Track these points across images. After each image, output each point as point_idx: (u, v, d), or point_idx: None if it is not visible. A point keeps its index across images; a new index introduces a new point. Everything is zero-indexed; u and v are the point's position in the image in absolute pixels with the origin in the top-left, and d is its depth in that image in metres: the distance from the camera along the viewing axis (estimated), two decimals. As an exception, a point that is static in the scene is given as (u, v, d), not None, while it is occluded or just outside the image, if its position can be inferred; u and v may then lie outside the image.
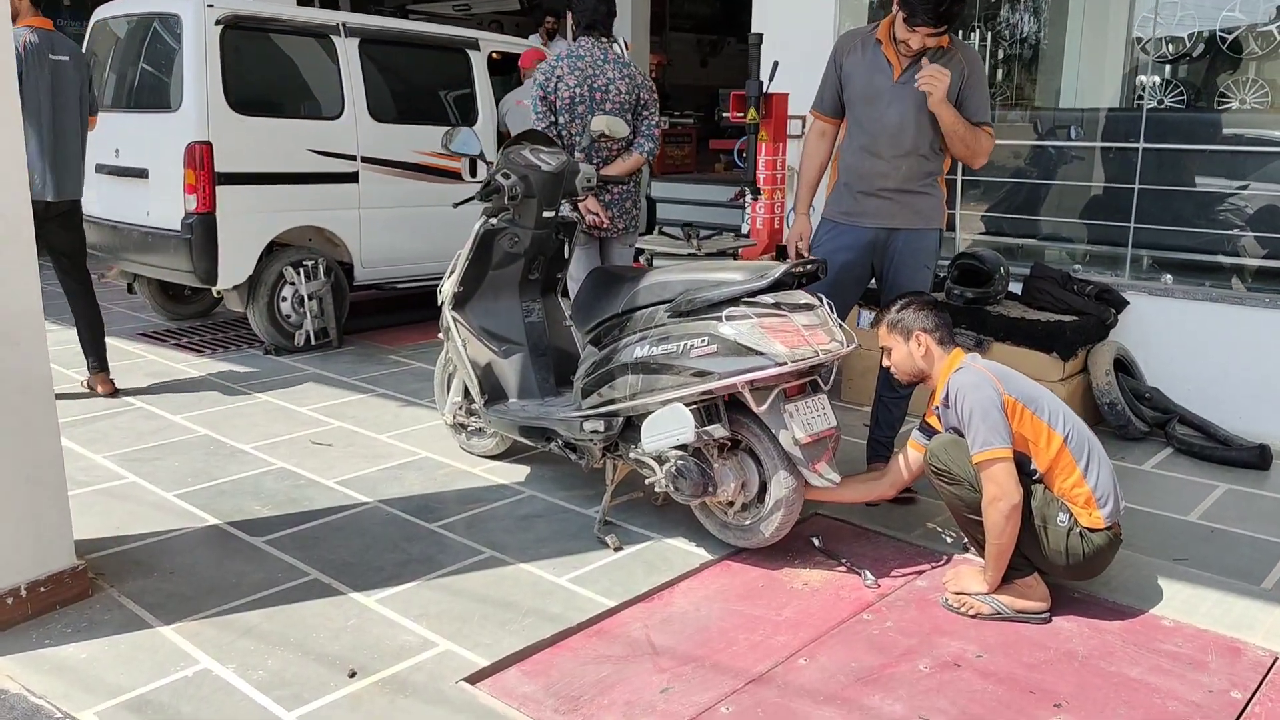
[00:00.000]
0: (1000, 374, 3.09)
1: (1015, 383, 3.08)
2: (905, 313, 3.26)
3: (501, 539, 3.62)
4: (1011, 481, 2.95)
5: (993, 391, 3.01)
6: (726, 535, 3.50)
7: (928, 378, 3.28)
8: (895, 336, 3.29)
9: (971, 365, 3.13)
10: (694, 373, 3.20)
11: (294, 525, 3.71)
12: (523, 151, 3.92)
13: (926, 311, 3.24)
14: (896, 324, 3.28)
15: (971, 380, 3.05)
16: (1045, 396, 3.10)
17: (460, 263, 3.99)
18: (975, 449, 2.98)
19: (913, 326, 3.24)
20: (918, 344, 3.24)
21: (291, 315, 6.25)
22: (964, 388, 3.04)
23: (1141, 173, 5.14)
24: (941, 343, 3.23)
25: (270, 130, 6.00)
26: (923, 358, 3.24)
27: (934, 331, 3.22)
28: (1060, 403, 3.12)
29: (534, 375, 4.08)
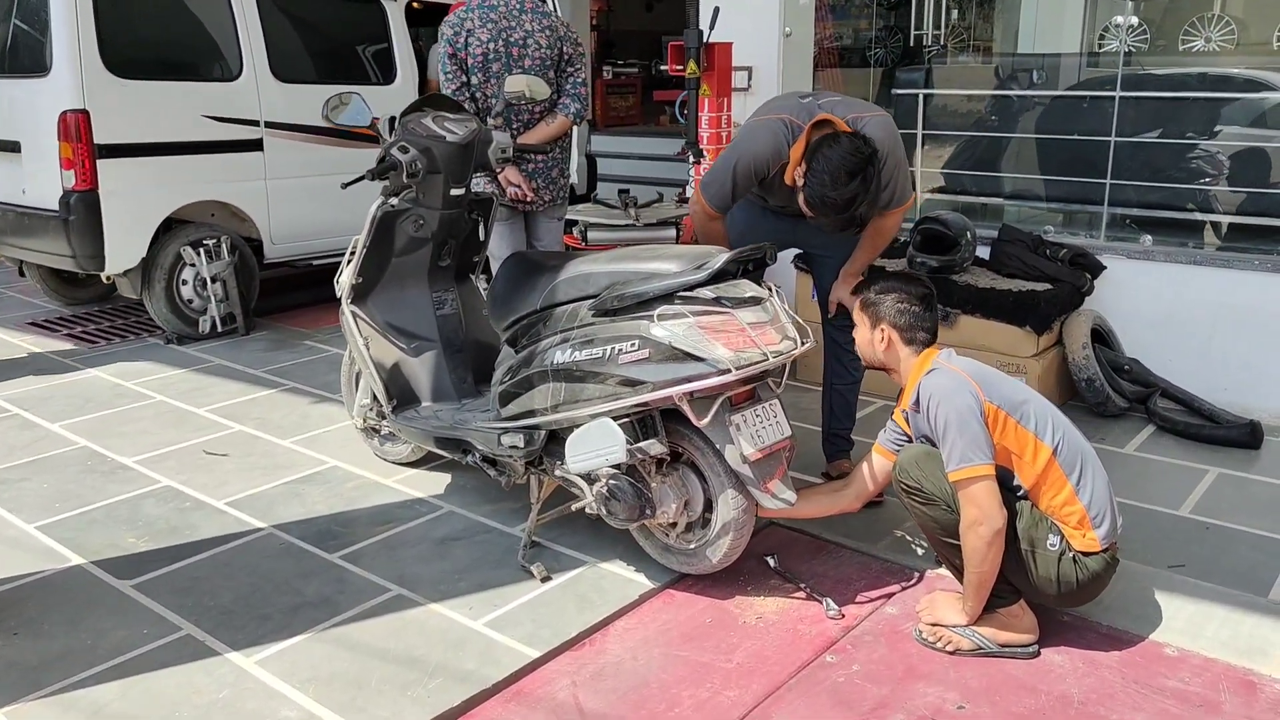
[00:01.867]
0: (979, 376, 2.65)
1: (997, 386, 2.65)
2: (883, 298, 2.83)
3: (413, 570, 3.15)
4: (994, 503, 2.53)
5: (971, 399, 2.57)
6: (669, 560, 3.06)
7: (891, 371, 2.86)
8: (863, 316, 2.88)
9: (945, 365, 2.69)
10: (623, 381, 2.73)
11: (171, 562, 3.21)
12: (424, 120, 3.39)
13: (906, 305, 2.79)
14: (869, 305, 2.86)
15: (947, 385, 2.61)
16: (1032, 400, 2.67)
17: (358, 250, 3.46)
18: (951, 465, 2.55)
19: (883, 316, 2.81)
20: (881, 335, 2.81)
21: (194, 300, 5.68)
22: (938, 393, 2.61)
23: (1119, 125, 4.70)
24: (910, 343, 2.79)
25: (157, 95, 5.37)
26: (884, 351, 2.82)
27: (905, 330, 2.79)
28: (1049, 406, 2.69)
29: (449, 375, 3.59)
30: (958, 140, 5.49)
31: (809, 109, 3.17)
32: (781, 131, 3.17)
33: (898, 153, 3.22)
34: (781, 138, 3.17)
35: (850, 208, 2.95)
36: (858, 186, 2.91)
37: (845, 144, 2.92)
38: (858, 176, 2.90)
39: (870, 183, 2.93)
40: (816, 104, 3.20)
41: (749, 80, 5.61)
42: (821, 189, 2.94)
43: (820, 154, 2.94)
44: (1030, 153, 5.20)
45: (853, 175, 2.90)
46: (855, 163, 2.90)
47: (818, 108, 3.16)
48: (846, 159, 2.90)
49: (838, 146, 2.92)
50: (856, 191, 2.92)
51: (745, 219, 3.60)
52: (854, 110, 3.15)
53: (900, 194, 3.28)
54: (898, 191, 3.26)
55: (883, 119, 3.20)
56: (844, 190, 2.91)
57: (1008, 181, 5.38)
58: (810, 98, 3.26)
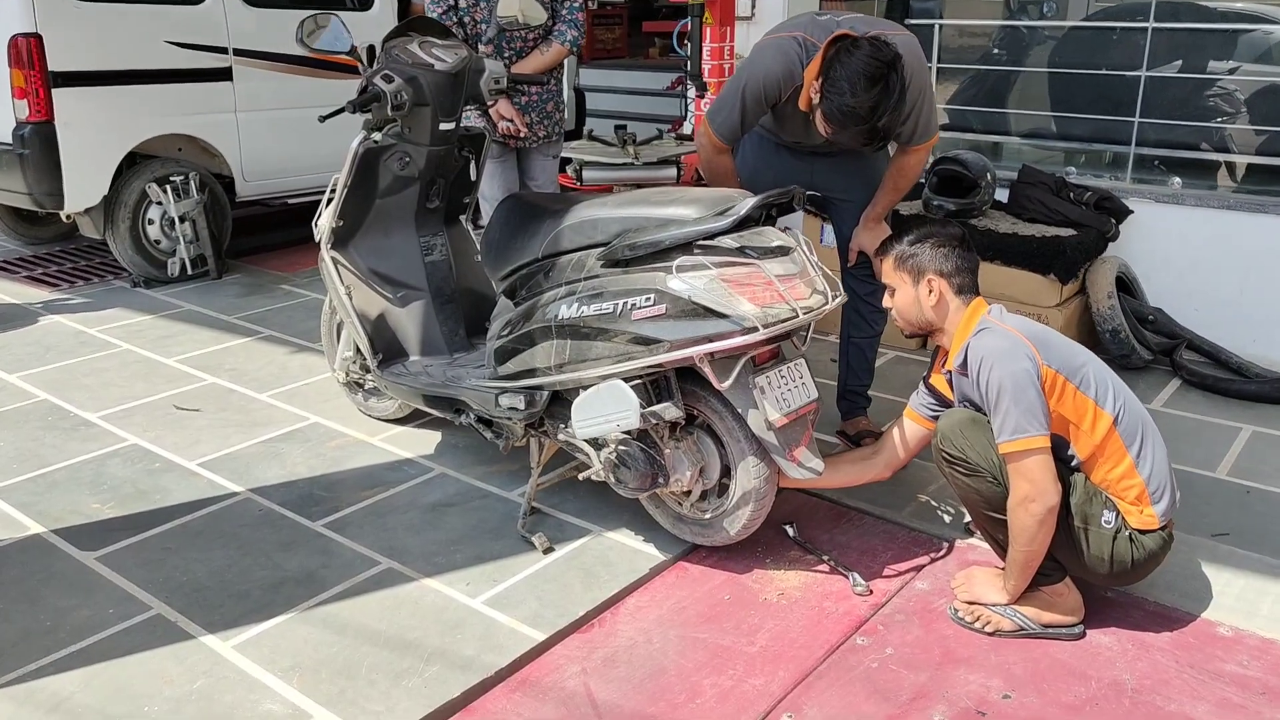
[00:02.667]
0: (1035, 336, 2.41)
1: (1055, 348, 2.40)
2: (920, 247, 2.54)
3: (403, 541, 2.91)
4: (1049, 478, 2.30)
5: (1028, 363, 2.33)
6: (681, 530, 2.84)
7: (936, 331, 2.60)
8: (902, 275, 2.58)
9: (997, 324, 2.44)
10: (636, 339, 2.47)
11: (139, 531, 2.95)
12: (409, 46, 3.07)
13: (948, 249, 2.53)
14: (906, 260, 2.56)
15: (1000, 346, 2.36)
16: (1091, 363, 2.43)
17: (338, 190, 3.16)
18: (1004, 436, 2.31)
19: (926, 266, 2.53)
20: (928, 289, 2.54)
21: (161, 241, 5.34)
22: (991, 355, 2.36)
23: (1151, 58, 4.41)
24: (960, 291, 2.53)
25: (116, 18, 4.98)
26: (933, 307, 2.55)
27: (952, 276, 2.52)
28: (1107, 370, 2.46)
29: (439, 327, 3.32)
30: (973, 74, 5.18)
31: (825, 26, 2.87)
32: (794, 50, 2.87)
33: (922, 78, 2.92)
34: (794, 56, 2.87)
35: (873, 117, 2.64)
36: (879, 93, 2.61)
37: (865, 48, 2.63)
38: (880, 82, 2.60)
39: (893, 90, 2.63)
40: (834, 20, 2.90)
41: (752, 7, 5.29)
42: (840, 98, 2.63)
43: (838, 61, 2.64)
44: (1050, 88, 4.90)
45: (874, 81, 2.60)
46: (876, 67, 2.60)
47: (834, 25, 2.87)
48: (867, 63, 2.60)
49: (857, 51, 2.62)
50: (879, 98, 2.62)
51: (756, 157, 3.32)
52: (876, 28, 2.85)
53: (924, 127, 3.00)
54: (921, 124, 2.98)
55: (907, 38, 2.90)
56: (864, 97, 2.60)
57: (1025, 119, 5.09)
58: (827, 15, 2.96)
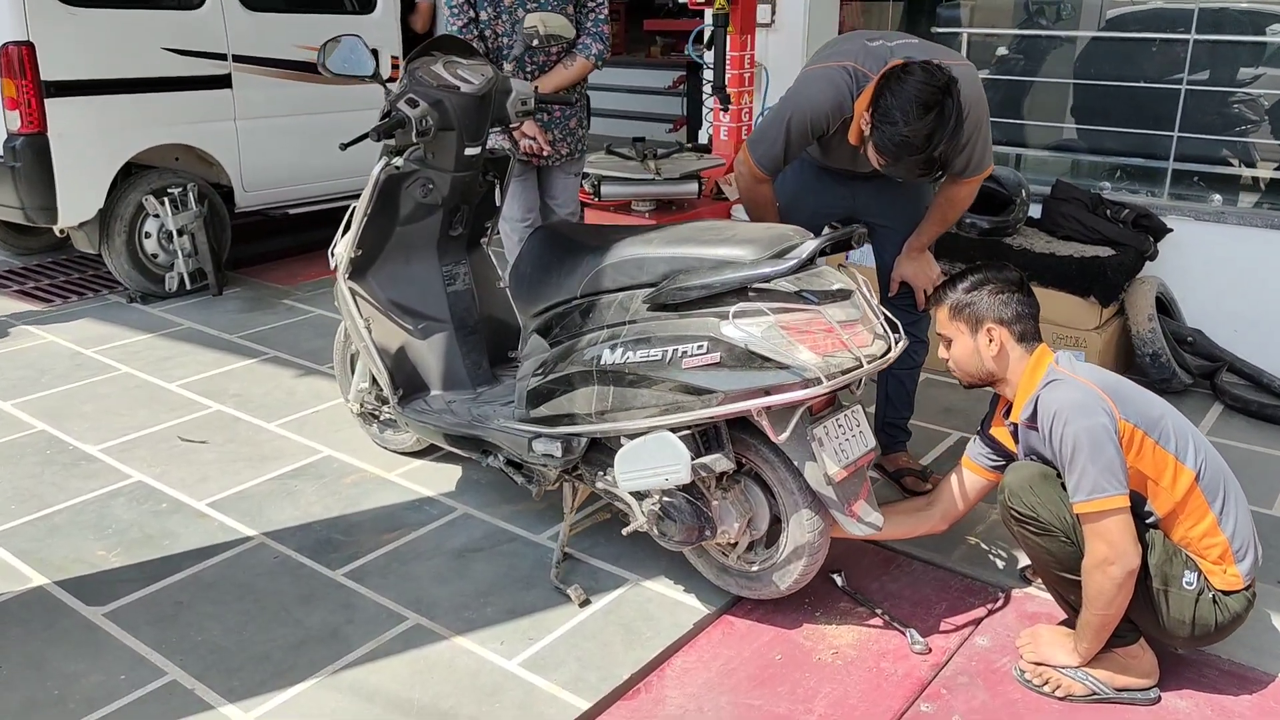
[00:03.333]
0: (1111, 389, 2.26)
1: (1130, 400, 2.26)
2: (977, 294, 2.40)
3: (430, 592, 2.75)
4: (1129, 540, 2.15)
5: (1106, 418, 2.18)
6: (725, 582, 2.68)
7: (998, 382, 2.45)
8: (959, 325, 2.43)
9: (1069, 375, 2.29)
10: (687, 389, 2.32)
11: (148, 582, 2.78)
12: (434, 67, 2.89)
13: (1007, 295, 2.38)
14: (962, 309, 2.42)
15: (1075, 400, 2.21)
16: (1169, 415, 2.28)
17: (357, 218, 2.98)
18: (1081, 495, 2.17)
19: (985, 315, 2.39)
20: (989, 339, 2.39)
21: (159, 255, 5.15)
22: (1066, 410, 2.21)
23: (1191, 68, 4.27)
24: (1022, 338, 2.39)
25: (110, 24, 4.78)
26: (994, 358, 2.40)
27: (1013, 324, 2.38)
28: (1186, 422, 2.31)
29: (462, 360, 3.15)
30: (1001, 85, 5.02)
31: (878, 55, 2.72)
32: (843, 81, 2.72)
33: (980, 110, 2.77)
34: (844, 88, 2.72)
35: (928, 146, 2.48)
36: (934, 120, 2.45)
37: (917, 73, 2.47)
38: (934, 109, 2.45)
39: (949, 117, 2.47)
40: (888, 48, 2.74)
41: (772, 14, 5.13)
42: (892, 127, 2.48)
43: (888, 90, 2.49)
44: (1083, 99, 4.76)
45: (928, 108, 2.44)
46: (930, 93, 2.45)
47: (889, 54, 2.71)
48: (920, 89, 2.45)
49: (908, 78, 2.47)
50: (934, 126, 2.46)
51: (796, 182, 3.17)
52: (933, 56, 2.70)
53: (979, 160, 2.86)
54: (976, 156, 2.84)
55: (966, 69, 2.75)
56: (918, 125, 2.45)
57: (1055, 132, 4.94)
58: (879, 40, 2.79)
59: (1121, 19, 4.74)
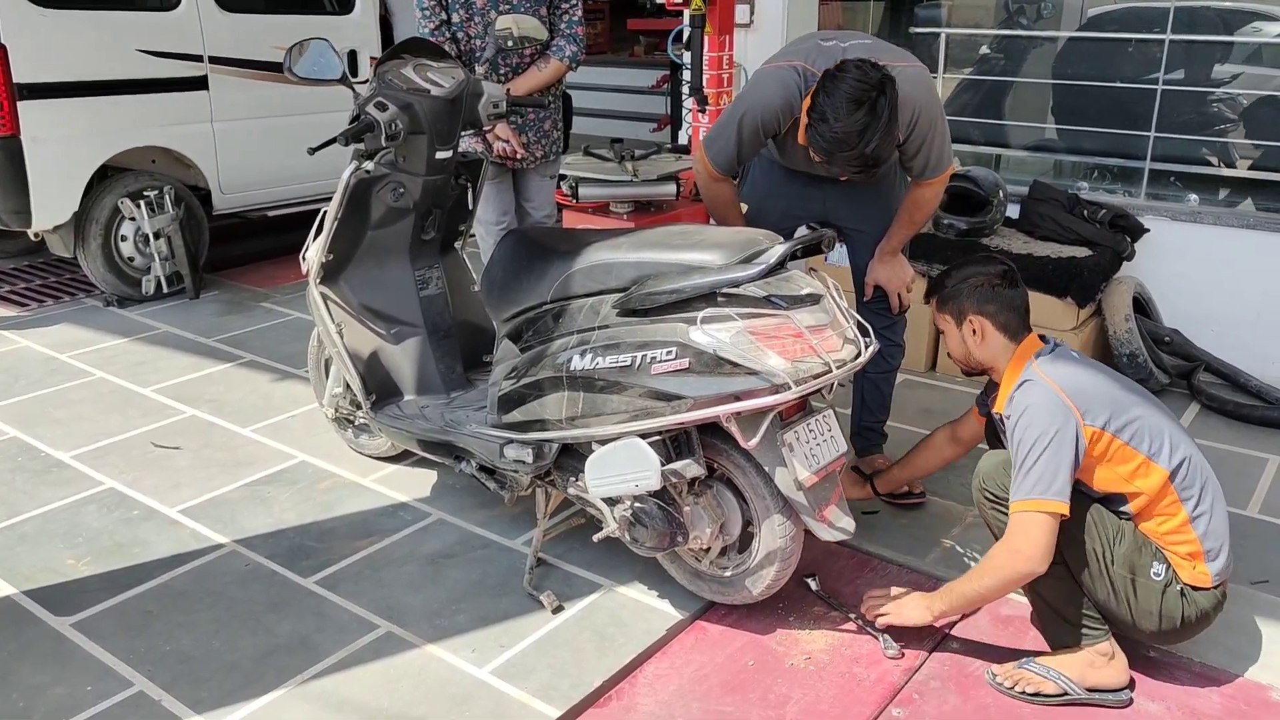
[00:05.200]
0: (1079, 391, 2.26)
1: (1105, 402, 2.26)
2: (960, 288, 2.48)
3: (402, 600, 2.73)
4: (1046, 549, 2.19)
5: (1064, 423, 2.20)
6: (699, 587, 2.67)
7: (991, 370, 2.51)
8: (946, 317, 2.53)
9: (1041, 376, 2.29)
10: (656, 395, 2.30)
11: (117, 591, 2.76)
12: (403, 70, 2.87)
13: (989, 287, 2.45)
14: (947, 301, 2.52)
15: (1038, 403, 2.24)
16: (1148, 415, 2.28)
17: (327, 222, 2.96)
18: (1020, 494, 2.21)
19: (967, 307, 2.47)
20: (971, 330, 2.47)
21: (135, 258, 5.11)
22: (1029, 412, 2.24)
23: (1167, 68, 4.27)
24: (1005, 329, 2.44)
25: (84, 26, 4.74)
26: (980, 346, 2.47)
27: (996, 315, 2.44)
28: (1167, 419, 2.31)
29: (436, 365, 3.13)
30: (978, 85, 5.02)
31: (830, 54, 2.71)
32: (793, 81, 2.71)
33: (932, 111, 2.77)
34: (793, 88, 2.71)
35: (859, 143, 2.48)
36: (865, 117, 2.45)
37: (851, 72, 2.49)
38: (864, 105, 2.45)
39: (881, 113, 2.46)
40: (840, 48, 2.74)
41: (750, 14, 5.12)
42: (825, 124, 2.49)
43: (822, 88, 2.51)
44: (1060, 99, 4.76)
45: (859, 104, 2.45)
46: (861, 90, 2.45)
47: (841, 54, 2.70)
48: (851, 87, 2.46)
49: (842, 75, 2.49)
50: (865, 123, 2.45)
51: (766, 183, 3.16)
52: (883, 59, 2.68)
53: (937, 160, 2.86)
54: (933, 157, 2.84)
55: (917, 71, 2.75)
56: (850, 122, 2.45)
57: (1030, 132, 4.94)
58: (833, 40, 2.78)
59: (1099, 19, 4.74)
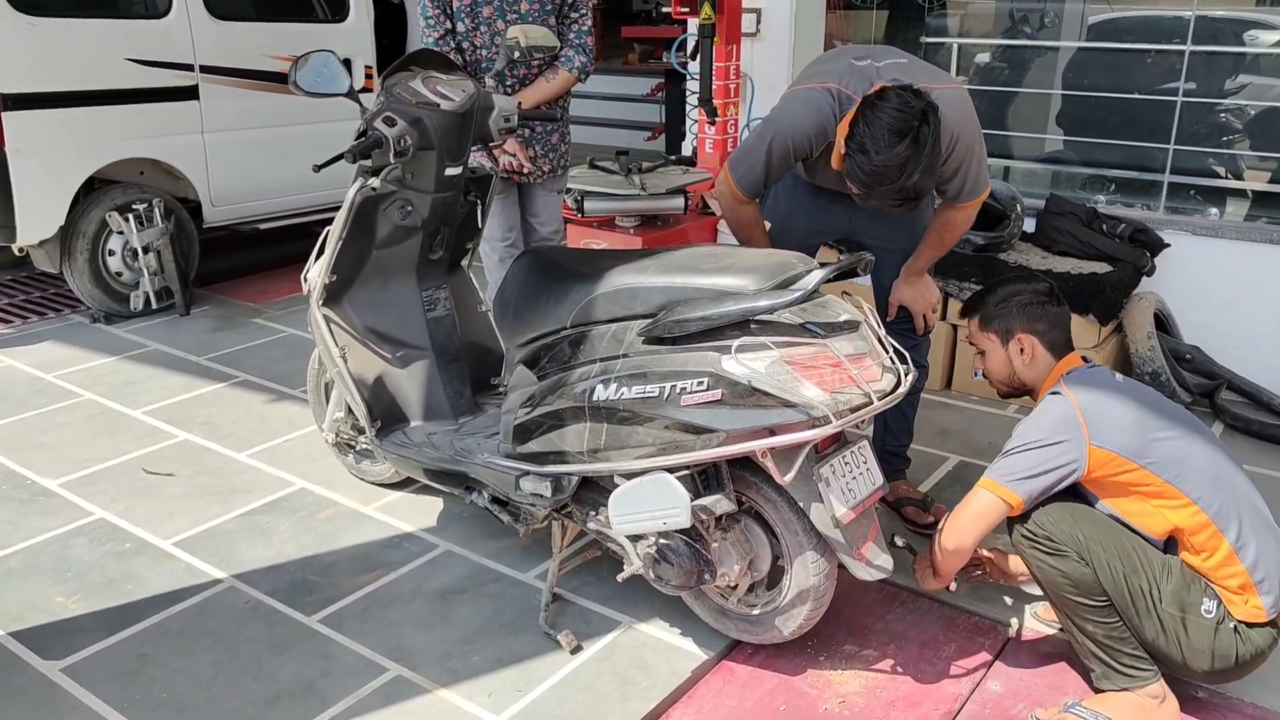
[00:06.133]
0: (1099, 411, 2.21)
1: (1123, 421, 2.20)
2: (1007, 306, 2.45)
3: (411, 639, 2.59)
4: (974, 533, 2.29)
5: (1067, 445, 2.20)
6: (725, 626, 2.55)
7: (1031, 391, 2.46)
8: (991, 337, 2.48)
9: (1065, 393, 2.27)
10: (685, 427, 2.18)
11: (110, 631, 2.61)
12: (412, 84, 2.74)
13: (1038, 306, 2.41)
14: (993, 320, 2.46)
15: (1052, 412, 2.27)
16: (1175, 439, 2.19)
17: (331, 241, 2.83)
18: (991, 471, 2.28)
19: (1015, 325, 2.43)
20: (1019, 349, 2.43)
21: (124, 273, 4.96)
22: (1038, 415, 2.30)
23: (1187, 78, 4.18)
24: (1053, 347, 2.41)
25: (71, 35, 4.59)
26: (1027, 366, 2.43)
27: (1045, 333, 2.40)
28: (1203, 444, 2.21)
29: (444, 389, 3.00)
30: (991, 96, 4.92)
31: (864, 75, 2.59)
32: (826, 104, 2.59)
33: (971, 134, 2.65)
34: (827, 111, 2.58)
35: (901, 176, 2.34)
36: (908, 149, 2.32)
37: (892, 100, 2.35)
38: (907, 137, 2.31)
39: (924, 144, 2.33)
40: (875, 68, 2.61)
41: (757, 23, 5.01)
42: (864, 156, 2.35)
43: (861, 116, 2.37)
44: (1076, 110, 4.66)
45: (901, 135, 2.31)
46: (903, 120, 2.32)
47: (875, 75, 2.58)
48: (894, 116, 2.32)
49: (883, 104, 2.35)
50: (907, 155, 2.32)
51: (789, 201, 3.05)
52: (920, 80, 2.56)
53: (974, 184, 2.74)
54: (969, 181, 2.72)
55: (955, 93, 2.62)
56: (890, 155, 2.32)
57: (1051, 144, 4.84)
58: (866, 59, 2.65)
59: (1114, 27, 4.65)
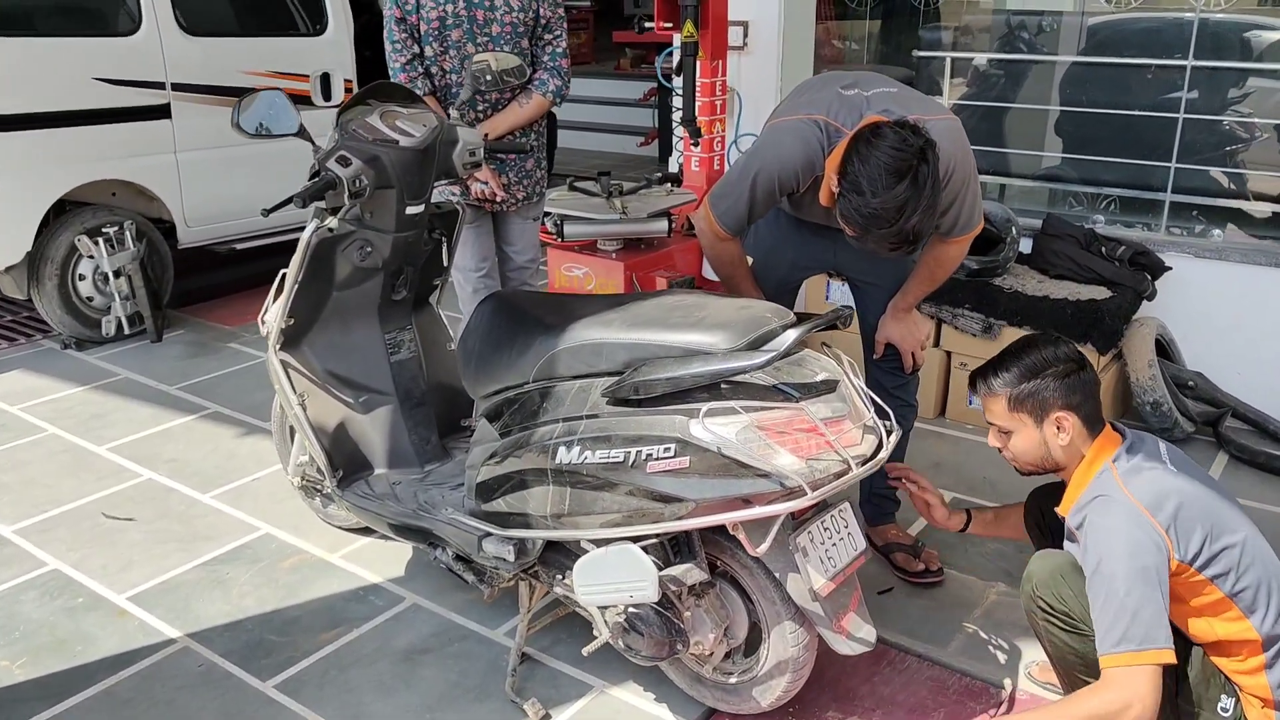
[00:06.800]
0: (1168, 511, 1.93)
1: (1194, 521, 1.93)
2: (1041, 382, 2.08)
3: (370, 708, 2.46)
4: (1156, 697, 1.85)
5: (1157, 556, 1.88)
6: (701, 694, 2.41)
7: (1063, 471, 2.15)
8: (1022, 417, 2.12)
9: (1121, 490, 1.96)
10: (652, 495, 2.04)
11: (54, 700, 2.48)
12: (369, 119, 2.60)
13: (1073, 377, 2.08)
14: (1025, 400, 2.10)
15: (1124, 533, 1.90)
16: (1240, 544, 1.95)
17: (288, 284, 2.69)
18: (1114, 646, 1.86)
19: (1052, 403, 2.08)
20: (1057, 429, 2.09)
21: (95, 297, 4.82)
22: (1112, 544, 1.90)
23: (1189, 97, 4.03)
24: (1089, 421, 2.09)
25: (36, 54, 4.45)
26: (1064, 448, 2.09)
27: (1081, 408, 2.08)
28: (1259, 549, 1.99)
29: (408, 435, 2.86)
30: (984, 111, 4.77)
31: (853, 105, 2.44)
32: (814, 137, 2.44)
33: (966, 168, 2.49)
34: (815, 144, 2.44)
35: (899, 219, 2.18)
36: (906, 191, 2.16)
37: (889, 137, 2.18)
38: (906, 177, 2.15)
39: (924, 184, 2.17)
40: (864, 97, 2.46)
41: (745, 37, 4.86)
42: (860, 198, 2.19)
43: (856, 154, 2.20)
44: (1073, 127, 4.51)
45: (899, 175, 2.15)
46: (901, 159, 2.15)
47: (865, 105, 2.43)
48: (890, 156, 2.15)
49: (879, 141, 2.18)
50: (906, 197, 2.16)
51: (772, 235, 2.91)
52: (912, 110, 2.42)
53: (967, 218, 2.59)
54: (963, 215, 2.57)
55: (949, 124, 2.46)
56: (888, 197, 2.15)
57: (1042, 162, 4.69)
58: (854, 88, 2.50)
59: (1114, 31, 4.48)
